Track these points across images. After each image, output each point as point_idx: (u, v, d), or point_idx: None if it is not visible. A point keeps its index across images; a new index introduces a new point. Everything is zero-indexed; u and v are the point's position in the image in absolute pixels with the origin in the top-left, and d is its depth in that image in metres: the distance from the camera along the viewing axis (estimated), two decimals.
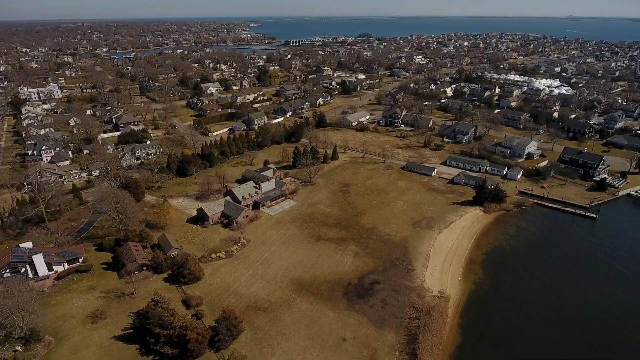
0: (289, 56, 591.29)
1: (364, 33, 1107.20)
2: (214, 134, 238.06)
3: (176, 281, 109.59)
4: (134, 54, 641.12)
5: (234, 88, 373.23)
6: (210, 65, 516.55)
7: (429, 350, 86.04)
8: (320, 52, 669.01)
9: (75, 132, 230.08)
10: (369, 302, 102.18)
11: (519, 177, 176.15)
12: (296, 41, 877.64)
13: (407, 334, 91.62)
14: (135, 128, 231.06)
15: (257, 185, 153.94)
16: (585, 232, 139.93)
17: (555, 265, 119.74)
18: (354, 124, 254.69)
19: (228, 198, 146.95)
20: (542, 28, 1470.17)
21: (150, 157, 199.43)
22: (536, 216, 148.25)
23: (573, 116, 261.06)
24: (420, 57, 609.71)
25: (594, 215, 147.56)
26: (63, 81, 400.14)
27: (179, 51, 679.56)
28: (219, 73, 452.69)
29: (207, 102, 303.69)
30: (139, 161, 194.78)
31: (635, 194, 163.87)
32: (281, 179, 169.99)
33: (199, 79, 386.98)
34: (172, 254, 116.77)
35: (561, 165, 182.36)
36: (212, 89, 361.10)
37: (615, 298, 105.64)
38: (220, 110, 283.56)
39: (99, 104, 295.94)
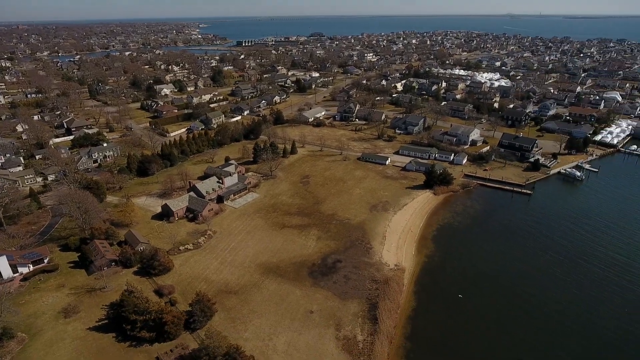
0: (242, 56, 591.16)
1: (316, 32, 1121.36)
2: (171, 134, 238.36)
3: (146, 274, 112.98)
4: (78, 57, 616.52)
5: (189, 89, 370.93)
6: (162, 67, 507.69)
7: (387, 314, 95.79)
8: (273, 51, 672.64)
9: (24, 137, 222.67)
10: (333, 278, 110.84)
11: (464, 162, 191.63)
12: (249, 41, 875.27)
13: (368, 302, 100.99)
14: (90, 131, 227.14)
15: (220, 180, 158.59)
16: (521, 206, 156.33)
17: (496, 236, 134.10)
18: (310, 119, 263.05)
19: (192, 193, 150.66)
20: (484, 25, 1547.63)
21: (108, 159, 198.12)
22: (480, 195, 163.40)
23: (511, 106, 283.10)
24: (371, 54, 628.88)
25: (529, 192, 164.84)
26: (4, 86, 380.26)
27: (127, 53, 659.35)
28: (172, 74, 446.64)
29: (162, 103, 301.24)
30: (96, 164, 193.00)
31: (565, 171, 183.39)
32: (243, 174, 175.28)
33: (151, 81, 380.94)
34: (141, 249, 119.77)
35: (501, 149, 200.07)
36: (166, 90, 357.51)
37: (543, 259, 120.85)
38: (176, 111, 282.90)
39: (46, 108, 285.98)
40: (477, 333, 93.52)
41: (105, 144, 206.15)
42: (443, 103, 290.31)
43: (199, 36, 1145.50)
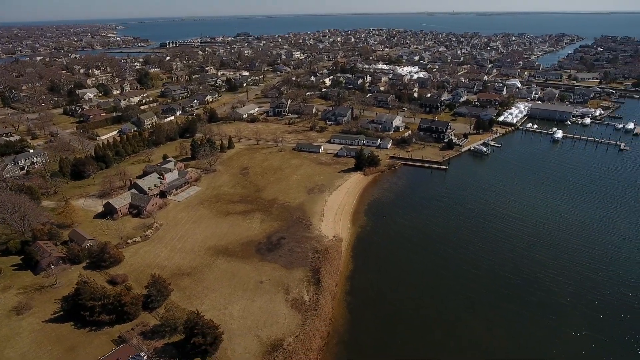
0: (167, 58, 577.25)
1: (242, 32, 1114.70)
2: (102, 137, 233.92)
3: (97, 267, 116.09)
4: None
5: (114, 92, 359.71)
6: (81, 71, 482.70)
7: (329, 276, 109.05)
8: (200, 52, 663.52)
9: None
10: (278, 253, 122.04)
11: (389, 145, 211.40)
12: (173, 42, 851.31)
13: (312, 269, 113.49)
14: (11, 139, 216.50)
15: (161, 177, 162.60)
16: (439, 180, 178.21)
17: (418, 206, 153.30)
18: (244, 116, 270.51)
19: (134, 190, 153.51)
20: (404, 23, 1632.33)
21: (36, 165, 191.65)
22: (404, 173, 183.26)
23: (429, 95, 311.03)
24: (299, 53, 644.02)
25: (445, 168, 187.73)
26: None
27: (38, 58, 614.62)
28: (94, 78, 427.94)
29: (87, 107, 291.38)
30: (23, 171, 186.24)
31: (474, 148, 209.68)
32: (183, 170, 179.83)
33: (72, 86, 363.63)
34: (88, 245, 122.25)
35: (420, 133, 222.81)
36: (90, 94, 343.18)
37: (456, 222, 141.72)
38: (104, 114, 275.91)
39: None
40: (404, 284, 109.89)
41: (31, 150, 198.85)
42: (368, 95, 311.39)
43: (118, 38, 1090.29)
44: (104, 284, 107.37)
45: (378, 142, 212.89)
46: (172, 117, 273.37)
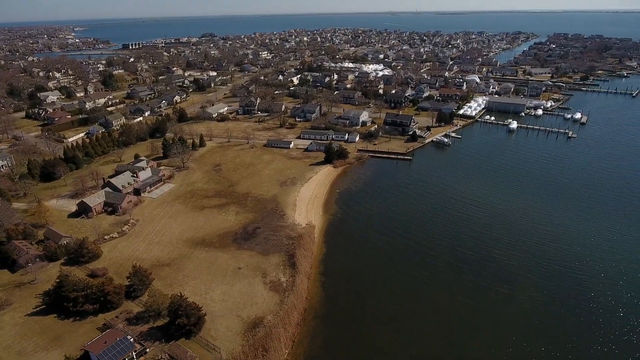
0: (131, 59, 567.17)
1: (207, 33, 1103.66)
2: (69, 139, 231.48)
3: (76, 262, 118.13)
4: None
5: (78, 95, 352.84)
6: (41, 74, 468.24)
7: (304, 260, 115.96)
8: (165, 53, 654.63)
9: None
10: (254, 241, 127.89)
11: (357, 139, 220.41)
12: (136, 44, 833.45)
13: (287, 254, 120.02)
14: None
15: (135, 174, 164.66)
16: (404, 170, 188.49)
17: (385, 193, 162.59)
18: (214, 115, 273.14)
19: (107, 189, 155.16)
20: (368, 22, 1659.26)
21: (1, 169, 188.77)
22: (371, 165, 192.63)
23: (393, 91, 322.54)
24: (266, 52, 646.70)
25: (410, 158, 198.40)
26: None
27: None
28: (55, 81, 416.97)
29: (51, 110, 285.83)
30: None
31: (436, 140, 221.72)
32: (156, 168, 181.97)
33: (32, 89, 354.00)
34: (64, 242, 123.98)
35: (386, 126, 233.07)
36: (52, 97, 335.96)
37: (419, 207, 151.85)
38: (69, 116, 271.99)
39: None
40: (373, 263, 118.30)
41: None
42: (335, 92, 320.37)
43: (77, 40, 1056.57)
44: (85, 278, 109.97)
45: (346, 136, 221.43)
46: (141, 118, 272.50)
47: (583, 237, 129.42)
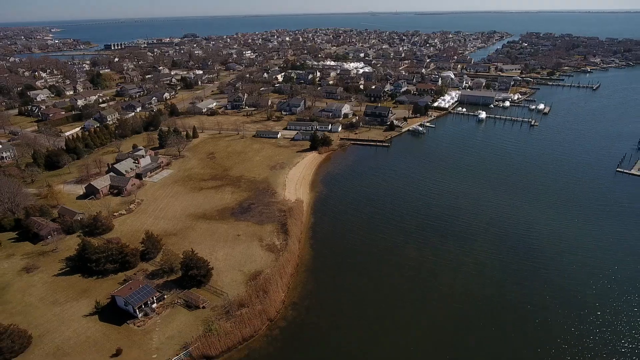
0: (116, 59, 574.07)
1: (190, 33, 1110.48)
2: (66, 133, 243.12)
3: (91, 234, 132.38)
4: None
5: (67, 93, 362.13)
6: (26, 74, 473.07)
7: (294, 227, 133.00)
8: (149, 53, 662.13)
9: None
10: (250, 214, 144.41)
11: (339, 129, 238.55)
12: (118, 44, 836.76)
13: (279, 223, 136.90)
14: None
15: (136, 161, 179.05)
16: (382, 155, 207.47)
17: (365, 174, 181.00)
18: (204, 110, 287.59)
19: (112, 173, 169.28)
20: (349, 22, 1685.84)
21: (5, 160, 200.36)
22: (353, 151, 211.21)
23: (373, 87, 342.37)
24: (249, 52, 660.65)
25: (388, 145, 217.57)
26: None
27: None
28: (43, 80, 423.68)
29: (44, 107, 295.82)
30: None
31: (412, 129, 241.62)
32: (154, 156, 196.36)
33: (21, 88, 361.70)
34: (79, 218, 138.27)
35: (366, 117, 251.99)
36: (42, 96, 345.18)
37: (396, 185, 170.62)
38: (63, 113, 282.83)
39: None
40: (353, 229, 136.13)
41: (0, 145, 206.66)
42: (319, 88, 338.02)
43: (57, 41, 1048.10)
44: (104, 243, 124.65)
45: (329, 127, 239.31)
46: (133, 114, 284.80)
47: (532, 209, 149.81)
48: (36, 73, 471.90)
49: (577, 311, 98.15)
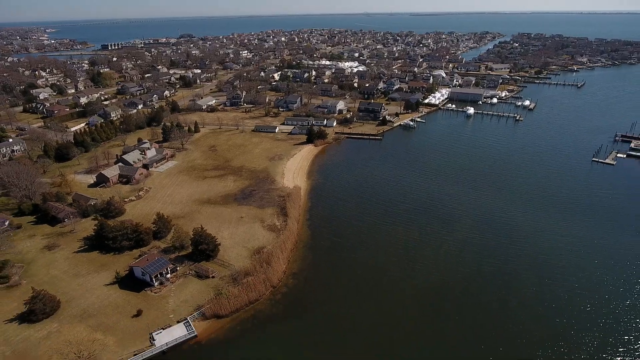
0: (115, 59, 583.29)
1: (186, 33, 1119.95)
2: (72, 128, 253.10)
3: (105, 217, 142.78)
4: None
5: (70, 91, 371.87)
6: (26, 73, 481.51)
7: (293, 210, 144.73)
8: (147, 53, 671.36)
9: None
10: (251, 199, 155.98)
11: (334, 124, 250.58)
12: (115, 44, 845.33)
13: (279, 207, 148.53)
14: None
15: (143, 152, 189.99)
16: (375, 147, 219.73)
17: (358, 165, 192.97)
18: (204, 107, 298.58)
19: (120, 164, 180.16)
20: (344, 23, 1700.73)
21: (16, 153, 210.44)
22: (347, 144, 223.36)
23: (367, 85, 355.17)
24: (246, 52, 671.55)
25: (380, 138, 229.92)
26: None
27: None
28: (44, 79, 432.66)
29: (48, 104, 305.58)
30: (6, 158, 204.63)
31: (404, 124, 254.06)
32: (159, 148, 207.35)
33: (24, 86, 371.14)
34: (92, 202, 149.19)
35: (359, 113, 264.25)
36: (45, 94, 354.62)
37: (387, 173, 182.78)
38: (68, 110, 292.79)
39: None
40: (347, 211, 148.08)
41: (10, 140, 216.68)
42: (314, 86, 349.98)
43: (53, 41, 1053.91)
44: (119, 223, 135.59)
45: (325, 122, 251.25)
46: (135, 110, 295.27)
47: (512, 195, 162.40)
48: (36, 72, 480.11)
49: (546, 278, 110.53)
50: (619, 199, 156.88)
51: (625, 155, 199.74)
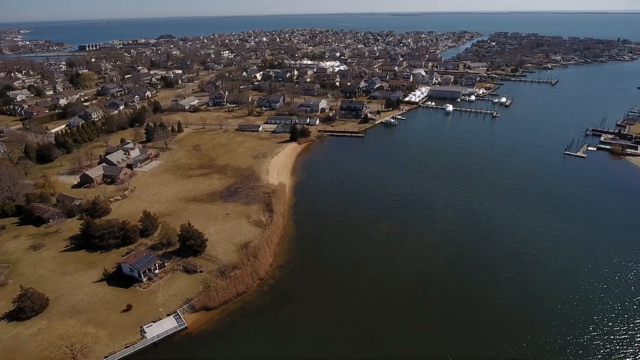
0: (93, 60, 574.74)
1: (166, 34, 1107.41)
2: (52, 130, 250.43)
3: (91, 217, 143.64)
4: None
5: (48, 93, 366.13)
6: (1, 74, 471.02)
7: (278, 205, 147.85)
8: (126, 53, 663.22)
9: None
10: (237, 197, 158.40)
11: (317, 122, 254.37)
12: (93, 45, 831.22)
13: (265, 203, 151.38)
14: None
15: (127, 152, 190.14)
16: (357, 144, 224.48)
17: (341, 162, 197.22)
18: (187, 107, 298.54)
19: (104, 164, 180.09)
20: (325, 23, 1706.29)
21: None
22: (330, 141, 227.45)
23: (349, 84, 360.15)
24: (227, 52, 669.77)
25: (362, 135, 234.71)
26: None
27: None
28: (20, 81, 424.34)
29: (26, 106, 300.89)
30: None
31: (385, 121, 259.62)
32: (143, 148, 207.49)
33: (0, 88, 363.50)
34: (77, 203, 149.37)
35: (342, 111, 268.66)
36: (22, 95, 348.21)
37: (369, 168, 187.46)
38: (47, 111, 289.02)
39: None
40: (330, 207, 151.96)
41: None
42: (297, 85, 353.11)
43: (27, 42, 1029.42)
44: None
45: (308, 120, 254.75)
46: (117, 111, 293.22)
47: (489, 188, 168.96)
48: (12, 74, 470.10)
49: (520, 264, 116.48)
50: (589, 189, 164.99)
51: (595, 148, 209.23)
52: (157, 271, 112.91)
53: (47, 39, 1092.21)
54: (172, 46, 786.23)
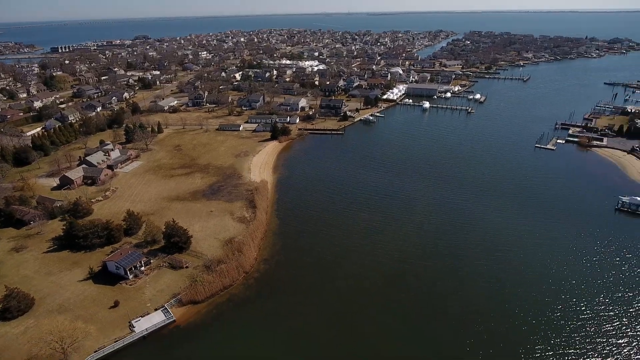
0: (67, 61, 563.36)
1: (141, 35, 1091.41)
2: (27, 133, 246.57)
3: (73, 218, 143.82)
4: None
5: (21, 95, 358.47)
6: None
7: (261, 202, 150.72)
8: (101, 55, 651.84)
9: None
10: (220, 194, 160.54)
11: (297, 121, 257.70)
12: (66, 47, 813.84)
13: (248, 200, 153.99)
14: None
15: (107, 154, 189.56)
16: (337, 141, 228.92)
17: (321, 159, 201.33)
18: (165, 108, 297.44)
19: (84, 165, 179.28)
20: (303, 23, 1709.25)
21: None
22: (310, 139, 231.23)
23: (328, 82, 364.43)
24: (205, 52, 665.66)
25: (342, 133, 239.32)
26: None
27: None
28: None
29: (0, 109, 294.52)
30: None
31: (364, 119, 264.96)
32: (123, 149, 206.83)
33: None
34: (58, 204, 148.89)
35: (321, 109, 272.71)
36: None
37: (348, 164, 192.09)
38: (21, 114, 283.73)
39: None
40: (311, 202, 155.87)
41: None
42: (276, 85, 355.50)
43: None
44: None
45: (288, 119, 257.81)
46: (94, 113, 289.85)
47: (463, 181, 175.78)
48: None
49: (493, 252, 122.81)
50: (558, 180, 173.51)
51: (564, 141, 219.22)
52: (143, 268, 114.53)
53: (17, 40, 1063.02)
54: (148, 47, 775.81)
